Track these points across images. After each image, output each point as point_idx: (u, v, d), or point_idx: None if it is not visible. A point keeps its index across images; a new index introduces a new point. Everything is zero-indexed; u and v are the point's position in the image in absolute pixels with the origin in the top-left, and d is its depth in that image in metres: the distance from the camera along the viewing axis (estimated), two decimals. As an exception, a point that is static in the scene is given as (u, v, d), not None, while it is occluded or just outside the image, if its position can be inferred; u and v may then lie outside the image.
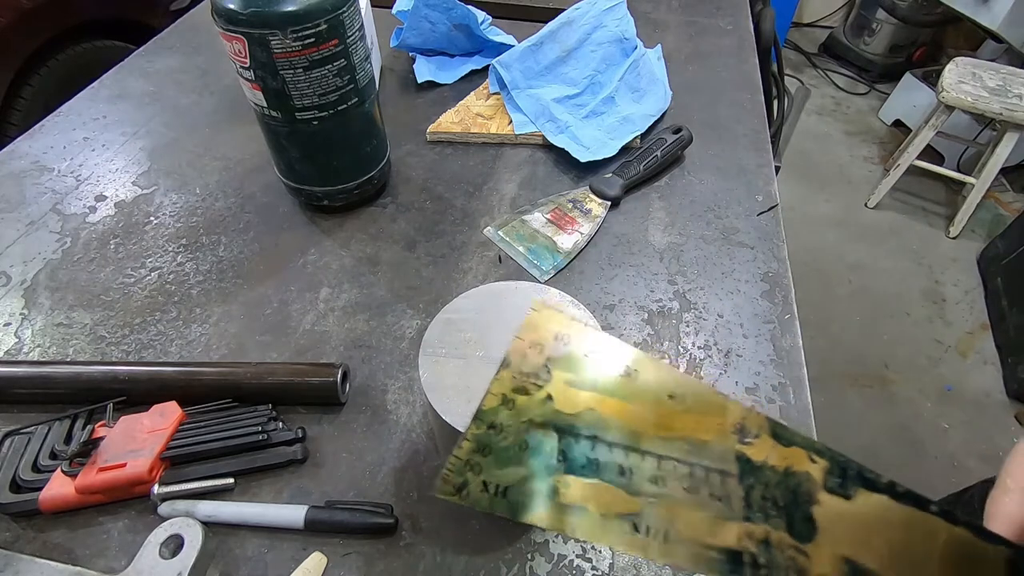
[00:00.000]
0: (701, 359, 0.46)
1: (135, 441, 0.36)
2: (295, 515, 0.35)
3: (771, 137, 0.75)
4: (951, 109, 1.67)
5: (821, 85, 2.60)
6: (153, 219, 0.55)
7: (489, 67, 0.69)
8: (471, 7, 0.73)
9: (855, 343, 1.61)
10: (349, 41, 0.45)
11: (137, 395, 0.40)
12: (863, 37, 2.54)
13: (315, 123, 0.48)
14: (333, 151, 0.51)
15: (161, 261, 0.52)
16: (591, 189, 0.58)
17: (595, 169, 0.61)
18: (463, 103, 0.68)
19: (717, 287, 0.51)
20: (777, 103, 1.12)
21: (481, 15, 0.75)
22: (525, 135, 0.64)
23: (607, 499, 0.22)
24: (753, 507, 0.22)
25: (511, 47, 0.71)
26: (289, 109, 0.47)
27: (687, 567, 0.21)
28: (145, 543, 0.32)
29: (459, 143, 0.65)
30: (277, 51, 0.43)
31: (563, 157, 0.62)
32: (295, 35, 0.42)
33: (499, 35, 0.76)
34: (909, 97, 2.23)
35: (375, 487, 0.38)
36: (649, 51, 0.72)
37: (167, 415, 0.38)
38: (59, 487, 0.35)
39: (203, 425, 0.38)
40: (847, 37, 2.62)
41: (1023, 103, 1.60)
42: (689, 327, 0.48)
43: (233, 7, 0.41)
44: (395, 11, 0.73)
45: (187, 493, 0.36)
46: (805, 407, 0.43)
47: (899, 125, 2.31)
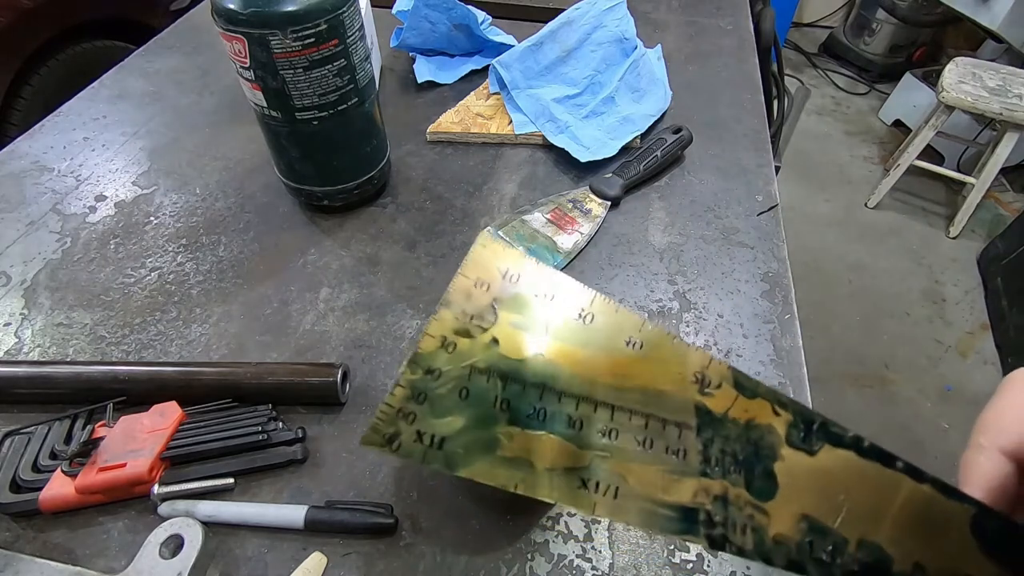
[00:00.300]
0: (701, 359, 0.46)
1: (135, 441, 0.36)
2: (295, 515, 0.35)
3: (771, 137, 0.75)
4: (951, 109, 1.68)
5: (821, 85, 2.60)
6: (153, 219, 0.55)
7: (489, 67, 0.69)
8: (471, 7, 0.73)
9: (855, 343, 1.61)
10: (349, 41, 0.45)
11: (137, 395, 0.40)
12: (863, 37, 2.54)
13: (315, 123, 0.48)
14: (333, 151, 0.51)
15: (161, 261, 0.52)
16: (591, 189, 0.58)
17: (595, 169, 0.61)
18: (463, 103, 0.68)
19: (717, 287, 0.51)
20: (777, 103, 1.12)
21: (481, 15, 0.75)
22: (525, 135, 0.64)
23: (554, 452, 0.20)
24: (711, 462, 0.20)
25: (511, 47, 0.71)
26: (289, 109, 0.47)
27: (637, 525, 0.20)
28: (145, 543, 0.32)
29: (459, 143, 0.65)
30: (277, 51, 0.43)
31: (563, 157, 0.62)
32: (295, 35, 0.42)
33: (499, 35, 0.76)
34: (909, 97, 2.23)
35: (375, 487, 0.38)
36: (649, 51, 0.72)
37: (167, 415, 0.38)
38: (59, 487, 0.35)
39: (203, 425, 0.38)
40: (847, 37, 2.62)
41: (1023, 103, 1.60)
42: (689, 327, 0.48)
43: (233, 7, 0.41)
44: (395, 11, 0.73)
45: (187, 493, 0.36)
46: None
47: (899, 125, 2.31)
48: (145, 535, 0.33)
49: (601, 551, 0.35)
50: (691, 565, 0.35)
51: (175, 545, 0.32)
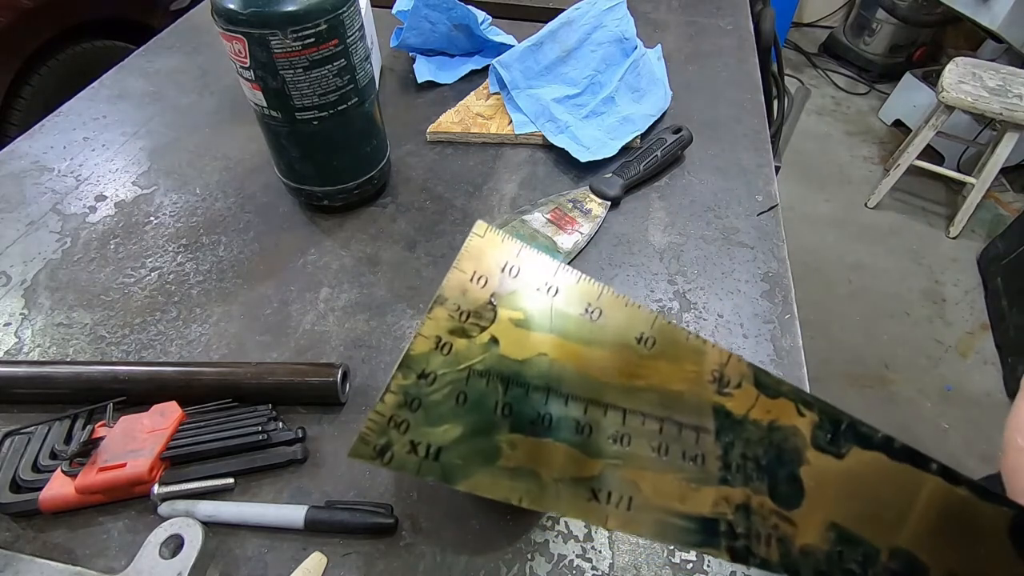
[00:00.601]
0: (701, 359, 0.46)
1: (135, 441, 0.36)
2: (295, 515, 0.35)
3: (771, 137, 0.75)
4: (951, 109, 1.67)
5: (821, 85, 2.60)
6: (153, 219, 0.55)
7: (489, 67, 0.69)
8: (471, 7, 0.73)
9: (855, 343, 1.61)
10: (349, 41, 0.45)
11: (137, 395, 0.40)
12: (863, 37, 2.54)
13: (315, 123, 0.48)
14: (333, 151, 0.51)
15: (161, 261, 0.52)
16: (591, 189, 0.58)
17: (595, 169, 0.61)
18: (463, 103, 0.68)
19: (717, 287, 0.51)
20: (777, 103, 1.12)
21: (481, 15, 0.75)
22: (525, 135, 0.64)
23: (561, 461, 0.19)
24: (731, 468, 0.19)
25: (511, 47, 0.71)
26: (289, 109, 0.47)
27: (653, 538, 0.18)
28: (145, 543, 0.32)
29: (459, 143, 0.65)
30: (277, 51, 0.43)
31: (563, 157, 0.62)
32: (295, 35, 0.42)
33: (499, 35, 0.76)
34: (909, 97, 2.23)
35: (375, 487, 0.38)
36: (649, 51, 0.72)
37: (167, 415, 0.38)
38: (59, 487, 0.35)
39: (203, 425, 0.38)
40: (847, 37, 2.62)
41: (1023, 103, 1.60)
42: (689, 327, 0.48)
43: (233, 7, 0.41)
44: (395, 11, 0.73)
45: (187, 493, 0.36)
46: (805, 407, 0.43)
47: (899, 125, 2.31)
48: (145, 535, 0.33)
49: (601, 551, 0.35)
50: (691, 565, 0.35)
51: (175, 545, 0.32)
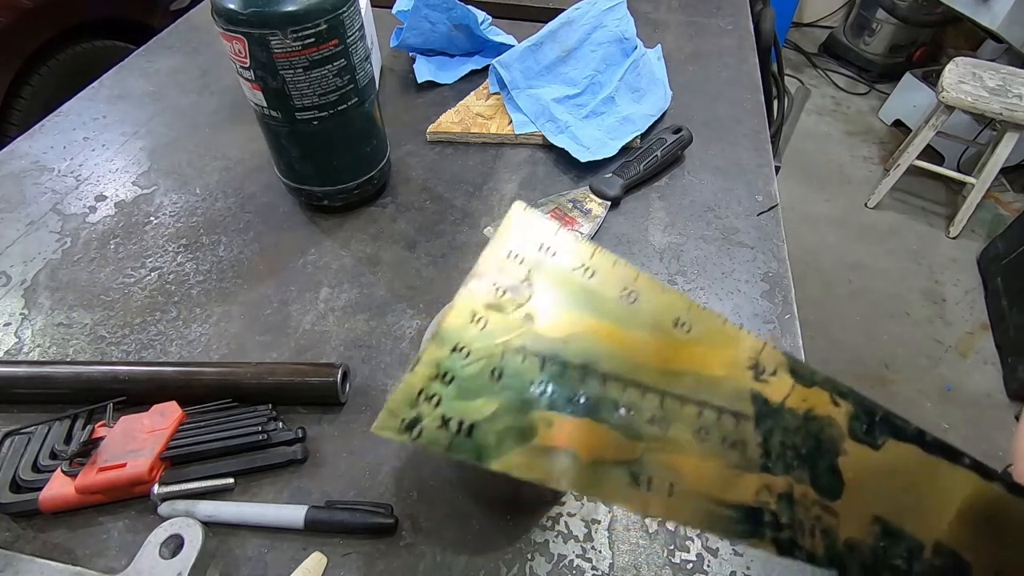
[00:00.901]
0: (701, 359, 0.46)
1: (135, 441, 0.36)
2: (295, 515, 0.35)
3: (771, 137, 0.75)
4: (951, 109, 1.67)
5: (821, 85, 2.60)
6: (153, 219, 0.55)
7: (489, 67, 0.69)
8: (471, 7, 0.73)
9: (855, 343, 1.61)
10: (349, 41, 0.45)
11: (137, 395, 0.40)
12: (863, 37, 2.54)
13: (315, 123, 0.48)
14: (333, 151, 0.51)
15: (161, 261, 0.52)
16: (591, 189, 0.58)
17: (595, 169, 0.61)
18: (463, 103, 0.68)
19: (717, 287, 0.51)
20: (777, 103, 1.12)
21: (481, 15, 0.75)
22: (525, 135, 0.64)
23: (600, 442, 0.18)
24: (772, 456, 0.18)
25: (511, 47, 0.71)
26: (289, 109, 0.47)
27: (697, 526, 0.18)
28: (145, 543, 0.32)
29: (459, 143, 0.65)
30: (277, 51, 0.43)
31: (563, 157, 0.62)
32: (295, 35, 0.42)
33: (499, 35, 0.76)
34: (909, 97, 2.23)
35: (375, 487, 0.38)
36: (649, 51, 0.72)
37: (167, 415, 0.38)
38: (59, 487, 0.35)
39: (203, 425, 0.38)
40: (847, 37, 2.62)
41: (1023, 103, 1.60)
42: (689, 327, 0.48)
43: (233, 7, 0.41)
44: (395, 11, 0.73)
45: (187, 493, 0.36)
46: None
47: (899, 125, 2.31)
48: (145, 535, 0.33)
49: (601, 551, 0.35)
50: (691, 565, 0.35)
51: (175, 545, 0.32)
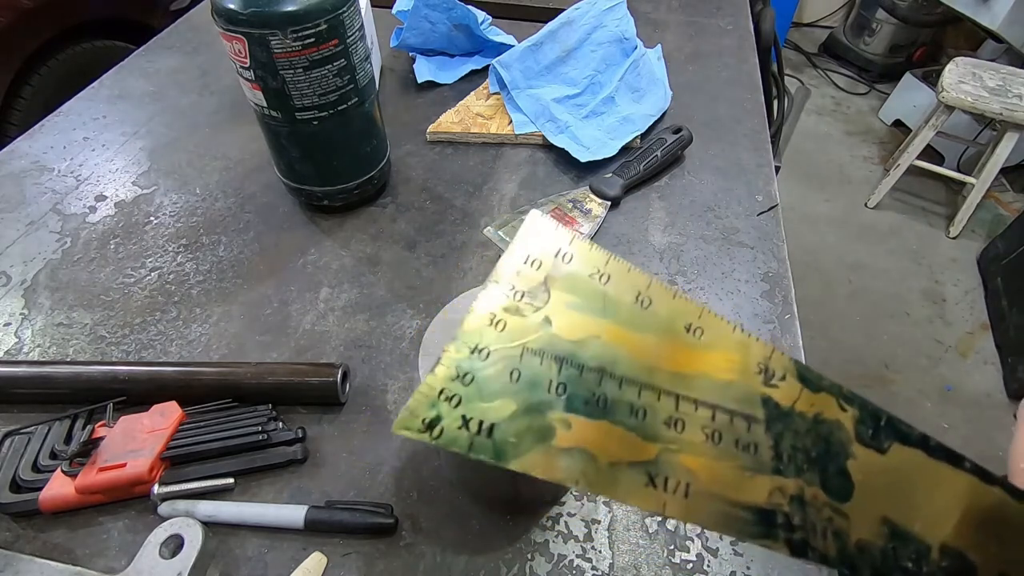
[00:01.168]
0: (701, 359, 0.46)
1: (135, 441, 0.36)
2: (295, 515, 0.35)
3: (771, 137, 0.75)
4: (951, 109, 1.67)
5: (821, 85, 2.60)
6: (153, 219, 0.55)
7: (489, 67, 0.69)
8: (471, 7, 0.73)
9: (855, 343, 1.61)
10: (349, 41, 0.45)
11: (137, 395, 0.40)
12: (863, 37, 2.54)
13: (315, 123, 0.48)
14: (333, 151, 0.51)
15: (161, 261, 0.52)
16: (591, 189, 0.58)
17: (595, 169, 0.61)
18: (463, 103, 0.68)
19: (717, 287, 0.51)
20: (777, 103, 1.12)
21: (481, 15, 0.75)
22: (525, 135, 0.64)
23: (617, 444, 0.18)
24: (783, 458, 0.19)
25: (511, 47, 0.71)
26: (289, 109, 0.47)
27: (712, 527, 0.18)
28: (145, 543, 0.32)
29: (459, 143, 0.65)
30: (277, 51, 0.43)
31: (563, 157, 0.62)
32: (295, 35, 0.42)
33: (499, 35, 0.76)
34: (909, 97, 2.23)
35: (375, 487, 0.38)
36: (649, 51, 0.72)
37: (167, 415, 0.38)
38: (59, 487, 0.35)
39: (203, 425, 0.38)
40: (847, 37, 2.62)
41: (1023, 103, 1.60)
42: (689, 327, 0.48)
43: (233, 7, 0.41)
44: (395, 11, 0.73)
45: (187, 493, 0.36)
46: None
47: (899, 125, 2.31)
48: (145, 535, 0.33)
49: (601, 551, 0.35)
50: (691, 565, 0.35)
51: (175, 545, 0.32)
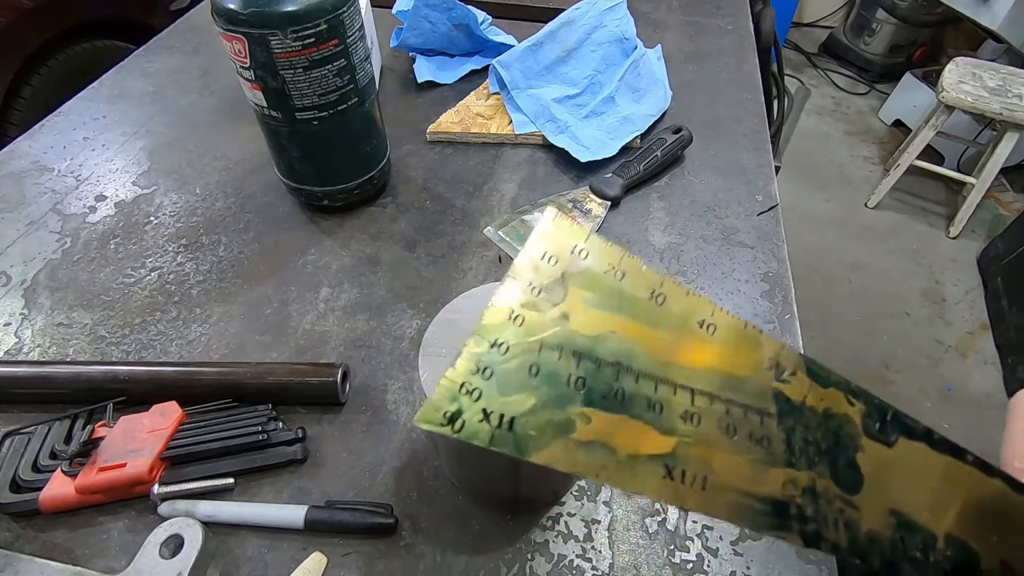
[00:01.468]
0: (701, 359, 0.46)
1: (135, 441, 0.36)
2: (295, 515, 0.35)
3: (771, 137, 0.75)
4: (951, 109, 1.67)
5: (821, 85, 2.60)
6: (153, 219, 0.55)
7: (489, 67, 0.69)
8: (471, 7, 0.73)
9: (855, 343, 1.61)
10: (349, 41, 0.45)
11: (137, 395, 0.40)
12: (863, 37, 2.54)
13: (315, 123, 0.48)
14: (333, 151, 0.51)
15: (161, 261, 0.52)
16: (591, 189, 0.58)
17: (595, 169, 0.61)
18: (463, 103, 0.68)
19: (717, 287, 0.51)
20: (777, 103, 1.12)
21: (481, 15, 0.75)
22: (525, 135, 0.64)
23: (635, 437, 0.19)
24: (795, 451, 0.19)
25: (511, 47, 0.71)
26: (289, 109, 0.47)
27: (728, 519, 0.18)
28: (145, 543, 0.32)
29: (459, 143, 0.65)
30: (277, 51, 0.43)
31: (563, 157, 0.62)
32: (295, 35, 0.42)
33: (499, 35, 0.76)
34: (909, 97, 2.23)
35: (375, 487, 0.38)
36: (649, 51, 0.72)
37: (167, 415, 0.38)
38: (59, 487, 0.35)
39: (203, 425, 0.38)
40: (847, 37, 2.62)
41: (1023, 103, 1.60)
42: (689, 327, 0.48)
43: (233, 7, 0.41)
44: (395, 11, 0.73)
45: (187, 493, 0.36)
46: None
47: (899, 125, 2.31)
48: (145, 535, 0.33)
49: (601, 551, 0.35)
50: (691, 565, 0.35)
51: (175, 545, 0.32)
